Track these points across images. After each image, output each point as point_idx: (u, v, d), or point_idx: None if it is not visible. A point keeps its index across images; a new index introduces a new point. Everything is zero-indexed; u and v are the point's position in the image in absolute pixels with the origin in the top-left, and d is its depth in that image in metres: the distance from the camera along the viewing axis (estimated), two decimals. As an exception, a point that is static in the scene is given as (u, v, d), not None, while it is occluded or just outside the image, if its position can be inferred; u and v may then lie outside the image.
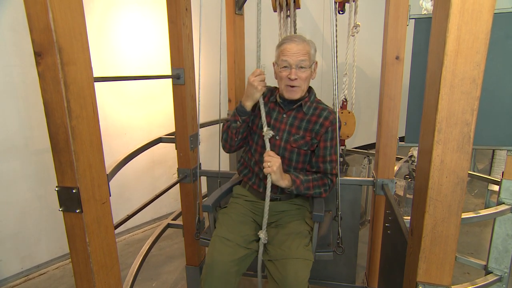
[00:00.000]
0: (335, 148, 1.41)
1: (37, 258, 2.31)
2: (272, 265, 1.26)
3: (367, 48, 4.01)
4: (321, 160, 1.41)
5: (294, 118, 1.43)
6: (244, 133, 1.46)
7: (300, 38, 1.35)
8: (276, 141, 1.42)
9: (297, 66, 1.32)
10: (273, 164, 1.28)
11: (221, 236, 1.35)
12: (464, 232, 2.76)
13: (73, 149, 0.86)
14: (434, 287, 0.81)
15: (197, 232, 1.64)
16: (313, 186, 1.39)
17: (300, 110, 1.43)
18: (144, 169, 2.86)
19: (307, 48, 1.34)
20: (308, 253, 1.28)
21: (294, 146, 1.40)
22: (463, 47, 0.65)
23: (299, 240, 1.30)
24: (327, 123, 1.39)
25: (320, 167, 1.42)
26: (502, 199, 1.68)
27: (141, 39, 2.68)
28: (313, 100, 1.45)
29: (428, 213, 0.77)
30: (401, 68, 1.55)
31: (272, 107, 1.47)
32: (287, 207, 1.45)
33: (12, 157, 2.11)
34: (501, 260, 1.72)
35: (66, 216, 0.93)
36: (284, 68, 1.35)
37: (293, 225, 1.38)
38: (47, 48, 0.80)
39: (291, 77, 1.33)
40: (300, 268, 1.21)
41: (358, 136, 5.08)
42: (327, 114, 1.41)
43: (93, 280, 0.96)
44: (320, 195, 1.42)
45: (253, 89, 1.32)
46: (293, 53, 1.32)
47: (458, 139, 0.71)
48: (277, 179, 1.31)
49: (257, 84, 1.30)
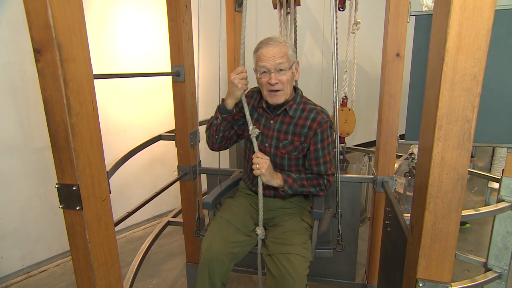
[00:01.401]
0: (328, 148, 1.37)
1: (37, 256, 2.31)
2: (271, 260, 1.27)
3: (367, 46, 4.00)
4: (314, 163, 1.39)
5: (281, 123, 1.39)
6: (226, 131, 1.43)
7: (275, 40, 1.29)
8: (265, 148, 1.41)
9: (276, 70, 1.27)
10: (261, 166, 1.29)
11: (223, 218, 1.40)
12: (463, 229, 2.77)
13: (73, 147, 0.86)
14: (434, 284, 0.81)
15: (197, 230, 1.65)
16: (308, 185, 1.38)
17: (286, 115, 1.38)
18: (144, 167, 2.86)
19: (283, 50, 1.28)
20: (306, 251, 1.29)
21: (284, 152, 1.38)
22: (464, 44, 0.65)
23: (298, 237, 1.31)
24: (315, 125, 1.34)
25: (314, 170, 1.40)
26: (502, 196, 1.68)
27: (141, 37, 2.67)
28: (300, 102, 1.40)
29: (428, 210, 0.77)
30: (401, 65, 1.55)
31: (261, 113, 1.45)
32: (284, 204, 1.46)
33: (11, 155, 2.11)
34: (500, 257, 1.73)
35: (66, 213, 0.93)
36: (263, 74, 1.30)
37: (291, 223, 1.39)
38: (46, 45, 0.79)
39: (271, 82, 1.28)
40: (298, 264, 1.22)
41: (358, 134, 5.08)
42: (315, 115, 1.35)
43: (93, 277, 0.96)
44: (316, 193, 1.41)
45: (233, 87, 1.30)
46: (270, 57, 1.27)
47: (458, 136, 0.71)
48: (268, 180, 1.32)
49: (237, 82, 1.29)
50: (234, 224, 1.39)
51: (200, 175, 1.89)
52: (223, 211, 1.45)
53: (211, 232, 1.36)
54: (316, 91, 4.57)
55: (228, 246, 1.31)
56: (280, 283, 1.20)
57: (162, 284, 2.15)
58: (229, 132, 1.46)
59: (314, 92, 4.55)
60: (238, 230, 1.38)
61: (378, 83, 1.72)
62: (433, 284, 0.81)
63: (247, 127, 1.43)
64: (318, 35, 4.39)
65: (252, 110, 1.45)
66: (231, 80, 1.31)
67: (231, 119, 1.42)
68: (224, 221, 1.39)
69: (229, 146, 1.53)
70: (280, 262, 1.23)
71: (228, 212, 1.43)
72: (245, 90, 1.33)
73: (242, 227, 1.39)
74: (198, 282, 1.31)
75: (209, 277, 1.29)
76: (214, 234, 1.34)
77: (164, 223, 2.02)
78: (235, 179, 1.64)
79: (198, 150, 1.85)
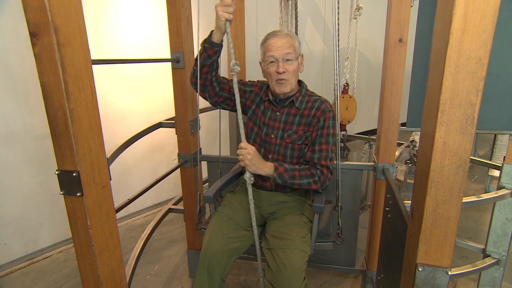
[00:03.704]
0: (327, 138, 1.37)
1: (40, 242, 2.34)
2: (270, 254, 1.30)
3: (369, 32, 3.94)
4: (310, 149, 1.39)
5: (288, 114, 1.43)
6: (205, 68, 1.34)
7: (283, 32, 1.35)
8: (271, 139, 1.43)
9: (284, 59, 1.32)
10: (244, 157, 1.29)
11: (224, 213, 1.42)
12: (463, 217, 2.78)
13: (72, 132, 0.85)
14: (433, 268, 0.82)
15: (198, 222, 1.66)
16: (299, 176, 1.35)
17: (292, 106, 1.43)
18: (144, 155, 2.87)
19: (291, 41, 1.33)
20: (305, 245, 1.31)
21: (288, 141, 1.40)
22: (470, 25, 0.63)
23: (297, 231, 1.33)
24: (319, 113, 1.38)
25: (308, 156, 1.39)
26: (502, 183, 1.68)
27: (140, 23, 2.63)
28: (305, 94, 1.45)
29: (430, 195, 0.77)
30: (404, 51, 1.52)
31: (267, 106, 1.47)
32: (285, 198, 1.47)
33: (12, 143, 2.10)
34: (499, 243, 1.74)
35: (67, 199, 0.93)
36: (271, 63, 1.34)
37: (291, 217, 1.40)
38: (42, 28, 0.78)
39: (279, 70, 1.32)
40: (296, 259, 1.24)
41: (359, 122, 5.06)
42: (319, 104, 1.40)
43: (95, 262, 0.97)
44: (309, 186, 1.36)
45: (217, 17, 1.22)
46: (278, 47, 1.31)
47: (461, 120, 0.70)
48: (254, 170, 1.32)
49: (219, 10, 1.19)
50: (234, 219, 1.40)
51: (201, 162, 1.89)
52: (223, 206, 1.47)
53: (211, 228, 1.38)
54: (317, 78, 4.53)
55: (228, 242, 1.34)
56: (277, 276, 1.23)
57: (164, 270, 2.18)
58: (210, 74, 1.37)
59: (315, 79, 4.51)
60: (238, 225, 1.40)
61: (379, 72, 1.70)
62: (432, 269, 0.82)
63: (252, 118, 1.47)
64: (319, 22, 4.32)
65: (259, 102, 1.49)
66: (215, 10, 1.21)
67: (212, 53, 1.31)
68: (225, 216, 1.41)
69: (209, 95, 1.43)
70: (278, 256, 1.25)
71: (228, 207, 1.45)
72: (229, 20, 1.21)
73: (242, 222, 1.41)
74: (197, 277, 1.33)
75: (208, 273, 1.31)
76: (214, 230, 1.37)
77: (165, 211, 2.03)
78: (236, 172, 1.64)
79: (199, 138, 1.85)
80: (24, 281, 2.08)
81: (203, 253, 1.33)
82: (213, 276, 1.31)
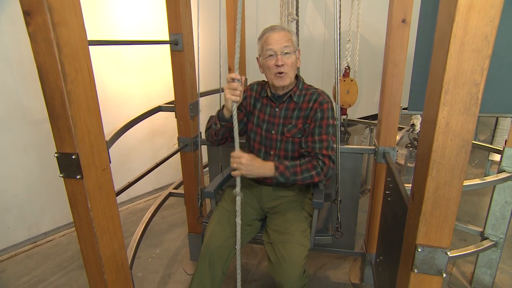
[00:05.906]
0: (326, 129, 1.37)
1: (43, 226, 2.36)
2: (270, 248, 1.32)
3: (371, 15, 3.86)
4: (310, 139, 1.39)
5: (287, 109, 1.44)
6: (226, 133, 1.44)
7: (280, 26, 1.38)
8: (272, 135, 1.45)
9: (282, 53, 1.33)
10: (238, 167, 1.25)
11: (224, 208, 1.45)
12: (462, 201, 2.80)
13: (70, 114, 0.84)
14: (433, 249, 0.82)
15: (199, 215, 1.67)
16: (301, 171, 1.33)
17: (291, 101, 1.44)
18: (144, 139, 2.86)
19: (288, 35, 1.35)
20: (305, 239, 1.32)
21: (288, 136, 1.42)
22: (477, 1, 0.61)
23: (297, 225, 1.35)
24: (316, 105, 1.39)
25: (309, 146, 1.38)
26: (503, 167, 1.68)
27: (138, 6, 2.57)
28: (302, 88, 1.45)
29: (431, 176, 0.76)
30: (407, 32, 1.49)
31: (265, 103, 1.48)
32: (286, 193, 1.48)
33: (11, 128, 2.09)
34: (497, 226, 1.75)
35: (67, 182, 0.93)
36: (270, 57, 1.34)
37: (292, 212, 1.42)
38: (36, 6, 0.76)
39: (278, 63, 1.32)
40: (295, 253, 1.26)
41: (360, 107, 5.02)
42: (316, 96, 1.41)
43: (97, 244, 0.98)
44: (312, 179, 1.34)
45: (225, 99, 1.27)
46: (276, 40, 1.32)
47: (465, 100, 0.69)
48: (252, 175, 1.30)
49: (226, 93, 1.20)
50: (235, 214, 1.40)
51: (201, 146, 1.89)
52: (224, 201, 1.50)
53: (212, 223, 1.41)
54: (318, 63, 4.48)
55: (229, 237, 1.35)
56: (277, 269, 1.26)
57: (165, 254, 2.21)
58: (229, 133, 1.45)
59: (316, 64, 4.45)
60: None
61: (381, 57, 1.67)
62: (432, 249, 0.82)
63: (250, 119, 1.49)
64: (320, 4, 4.23)
65: (255, 101, 1.51)
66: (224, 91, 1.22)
67: (231, 125, 1.38)
68: (225, 212, 1.43)
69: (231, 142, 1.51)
70: (279, 250, 1.27)
71: (229, 202, 1.47)
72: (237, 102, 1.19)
73: (243, 217, 1.39)
74: (197, 270, 1.34)
75: (209, 267, 1.33)
76: (215, 225, 1.39)
77: (165, 195, 2.04)
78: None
79: (199, 121, 1.84)
80: (28, 264, 2.12)
81: (205, 247, 1.34)
82: (214, 269, 1.33)
